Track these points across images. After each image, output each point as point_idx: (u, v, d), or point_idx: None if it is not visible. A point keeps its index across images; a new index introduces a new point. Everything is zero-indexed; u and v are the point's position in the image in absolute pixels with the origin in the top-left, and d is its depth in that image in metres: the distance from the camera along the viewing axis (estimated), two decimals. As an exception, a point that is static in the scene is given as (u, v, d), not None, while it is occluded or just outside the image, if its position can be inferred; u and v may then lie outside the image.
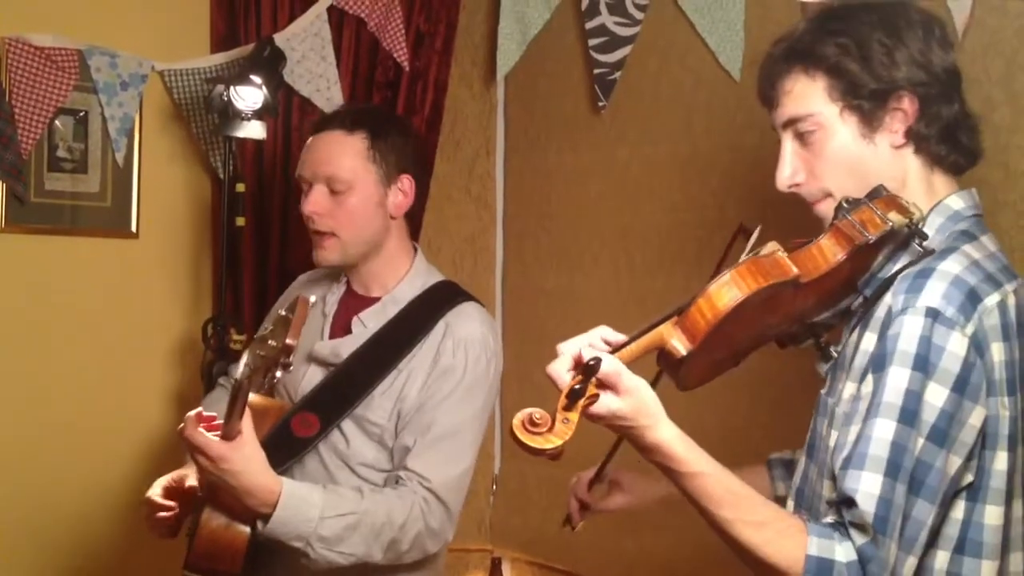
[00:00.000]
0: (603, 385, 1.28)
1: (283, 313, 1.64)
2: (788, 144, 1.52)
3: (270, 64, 2.76)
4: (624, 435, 1.34)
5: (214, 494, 1.88)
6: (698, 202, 2.61)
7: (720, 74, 2.54)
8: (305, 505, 1.83)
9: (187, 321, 3.06)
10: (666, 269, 2.67)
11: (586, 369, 1.26)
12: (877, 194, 1.43)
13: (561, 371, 1.30)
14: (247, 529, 1.87)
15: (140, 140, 2.97)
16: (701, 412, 1.42)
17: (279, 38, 2.86)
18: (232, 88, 2.69)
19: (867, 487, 1.29)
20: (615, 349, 1.33)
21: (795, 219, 1.55)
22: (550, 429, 1.23)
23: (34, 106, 2.75)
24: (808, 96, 1.49)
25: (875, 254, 1.44)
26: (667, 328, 1.34)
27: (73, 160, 2.88)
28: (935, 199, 1.49)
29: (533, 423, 1.24)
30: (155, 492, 2.00)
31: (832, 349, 1.49)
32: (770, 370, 1.52)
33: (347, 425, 2.04)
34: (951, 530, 1.36)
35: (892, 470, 1.29)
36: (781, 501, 1.78)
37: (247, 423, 1.76)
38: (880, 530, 1.27)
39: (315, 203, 2.05)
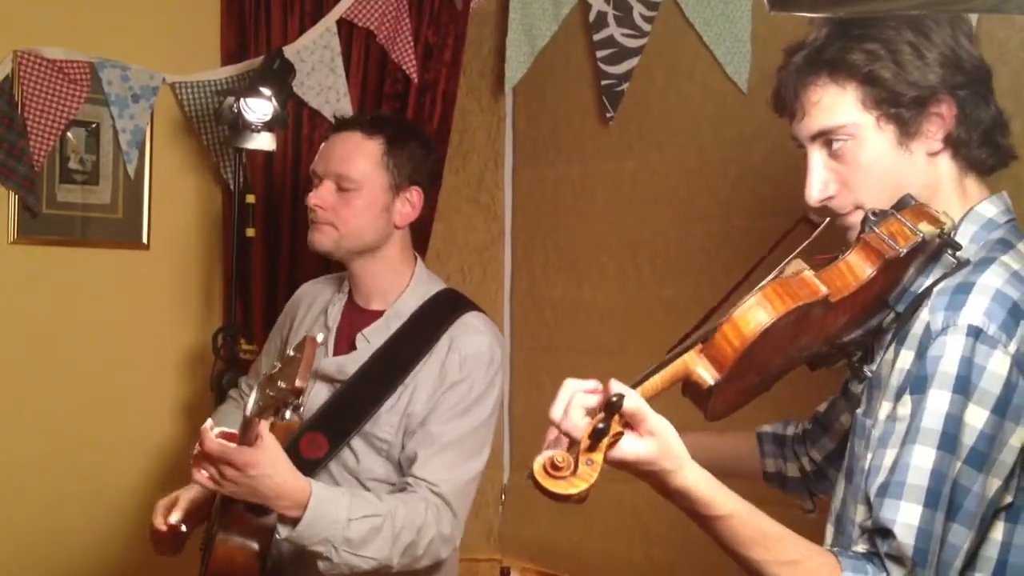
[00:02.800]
0: (626, 424, 1.20)
1: (291, 353, 1.63)
2: (816, 156, 1.44)
3: (280, 76, 2.78)
4: (646, 480, 1.26)
5: (227, 514, 1.89)
6: (705, 213, 2.62)
7: (727, 86, 2.55)
8: (333, 506, 1.84)
9: (197, 331, 3.08)
10: (673, 280, 2.68)
11: (609, 406, 1.17)
12: (905, 204, 1.36)
13: (576, 422, 1.23)
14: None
15: (151, 152, 2.99)
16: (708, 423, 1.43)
17: (289, 50, 2.88)
18: (242, 100, 2.70)
19: (906, 518, 1.24)
20: (637, 382, 1.25)
21: (804, 231, 1.54)
22: (573, 472, 1.15)
23: (46, 118, 2.77)
24: (838, 107, 1.41)
25: (906, 267, 1.36)
26: (691, 357, 1.27)
27: (84, 172, 2.90)
28: (968, 205, 1.43)
29: (555, 467, 1.14)
30: (159, 522, 2.02)
31: (866, 368, 1.41)
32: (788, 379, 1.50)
33: (356, 442, 2.05)
34: (990, 551, 1.31)
35: (932, 500, 1.24)
36: (771, 477, 1.78)
37: (264, 428, 1.75)
38: (920, 562, 1.23)
39: (320, 198, 2.08)
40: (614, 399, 1.17)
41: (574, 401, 1.25)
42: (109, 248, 2.96)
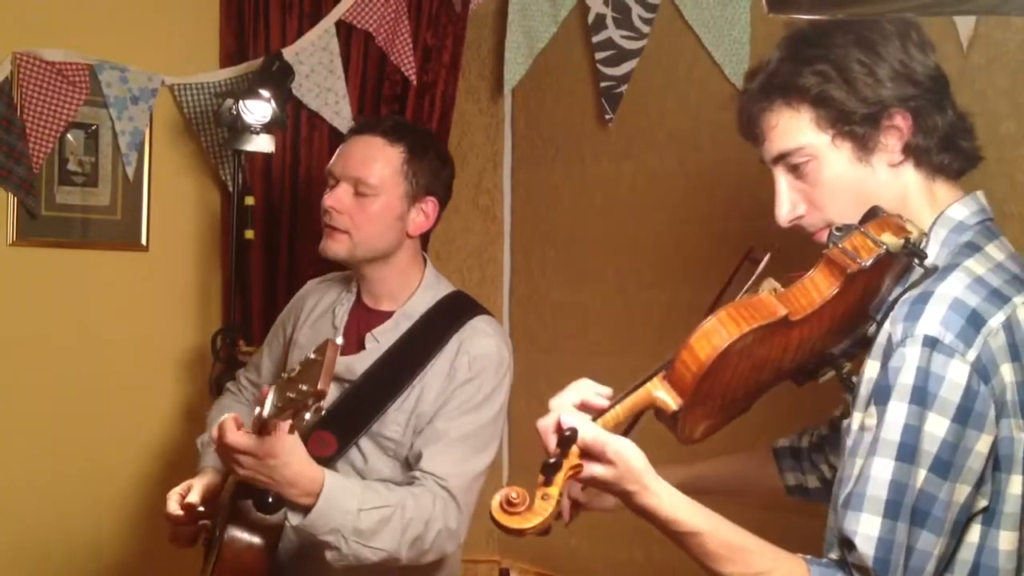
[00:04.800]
0: (586, 454, 1.22)
1: (312, 356, 1.63)
2: (782, 179, 1.48)
3: (279, 78, 2.78)
4: (613, 496, 1.30)
5: (234, 513, 1.89)
6: (704, 215, 2.62)
7: (726, 87, 2.54)
8: (346, 495, 1.85)
9: (196, 333, 3.08)
10: (672, 281, 2.68)
11: (562, 441, 1.19)
12: (871, 216, 1.37)
13: (549, 430, 1.26)
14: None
15: (150, 154, 2.99)
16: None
17: (288, 52, 2.88)
18: (241, 102, 2.71)
19: (866, 529, 1.26)
20: (598, 414, 1.27)
21: (802, 236, 1.54)
22: (528, 508, 1.17)
23: (45, 120, 2.77)
24: (794, 129, 1.44)
25: (879, 278, 1.36)
26: (654, 383, 1.29)
27: (84, 174, 2.90)
28: (939, 209, 1.43)
29: (510, 503, 1.17)
30: (173, 507, 2.01)
31: (854, 380, 1.41)
32: (779, 394, 1.50)
33: (364, 442, 2.05)
34: (966, 554, 1.32)
35: (891, 510, 1.26)
36: (793, 490, 1.78)
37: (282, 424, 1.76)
38: (881, 572, 1.25)
39: (337, 200, 2.07)
40: (567, 433, 1.19)
41: (566, 404, 1.30)
42: (108, 250, 2.96)
